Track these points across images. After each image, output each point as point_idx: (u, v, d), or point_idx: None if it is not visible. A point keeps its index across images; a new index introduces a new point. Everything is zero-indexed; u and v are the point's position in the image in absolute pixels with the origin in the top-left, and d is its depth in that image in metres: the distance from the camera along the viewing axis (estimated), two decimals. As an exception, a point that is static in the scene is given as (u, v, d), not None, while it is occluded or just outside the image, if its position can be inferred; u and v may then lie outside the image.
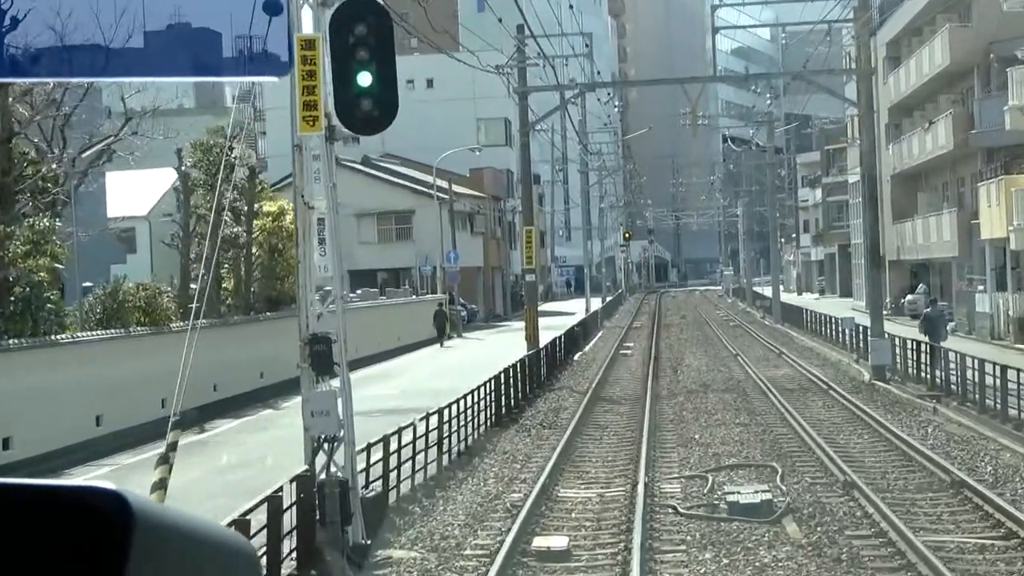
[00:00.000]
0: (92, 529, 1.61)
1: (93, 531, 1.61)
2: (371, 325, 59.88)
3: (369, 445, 21.63)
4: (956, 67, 61.96)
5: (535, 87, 45.27)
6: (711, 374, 44.55)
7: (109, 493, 1.63)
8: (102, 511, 1.62)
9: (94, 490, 1.64)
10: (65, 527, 1.61)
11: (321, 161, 19.13)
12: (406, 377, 49.03)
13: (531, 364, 41.38)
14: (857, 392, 37.92)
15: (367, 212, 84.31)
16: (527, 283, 45.61)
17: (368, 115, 17.24)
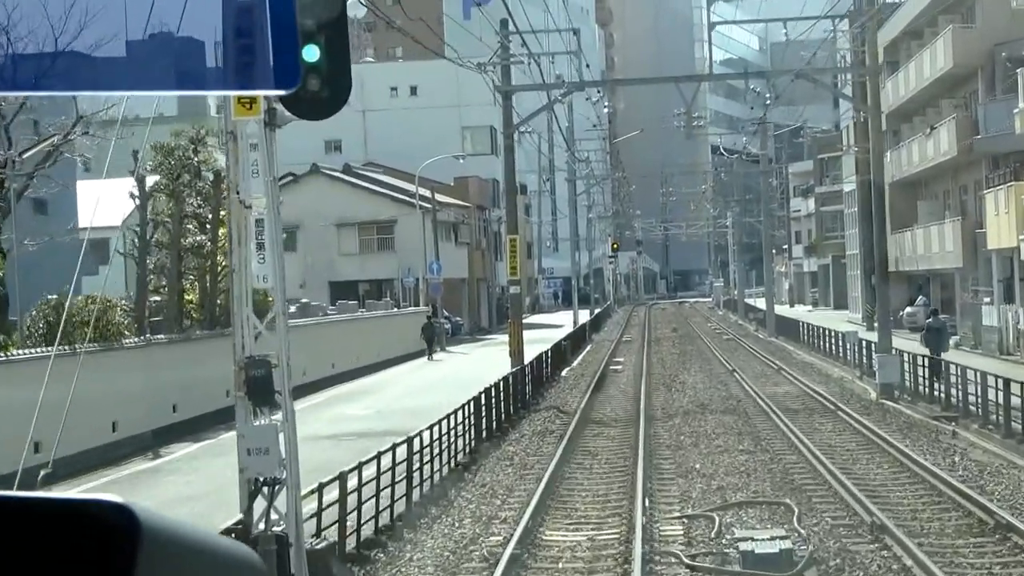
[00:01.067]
0: (99, 541, 1.62)
1: (100, 543, 1.62)
2: (349, 339, 56.77)
3: (320, 486, 18.48)
4: (959, 70, 59.03)
5: (519, 86, 42.10)
6: (708, 392, 41.44)
7: (115, 506, 1.64)
8: (109, 523, 1.63)
9: (100, 503, 1.65)
10: (72, 540, 1.63)
11: (260, 151, 15.99)
12: (383, 395, 45.90)
13: (515, 382, 38.27)
14: (867, 413, 34.84)
15: (348, 222, 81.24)
16: (512, 295, 42.46)
17: (315, 96, 14.00)
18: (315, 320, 53.60)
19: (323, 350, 52.31)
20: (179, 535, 1.70)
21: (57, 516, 1.65)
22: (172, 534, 1.68)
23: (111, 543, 1.62)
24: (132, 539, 1.62)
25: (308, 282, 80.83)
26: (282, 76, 2.59)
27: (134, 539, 1.62)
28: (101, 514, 1.64)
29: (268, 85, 2.62)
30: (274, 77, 2.59)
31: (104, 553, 1.62)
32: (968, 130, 58.30)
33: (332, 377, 51.73)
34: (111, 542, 1.62)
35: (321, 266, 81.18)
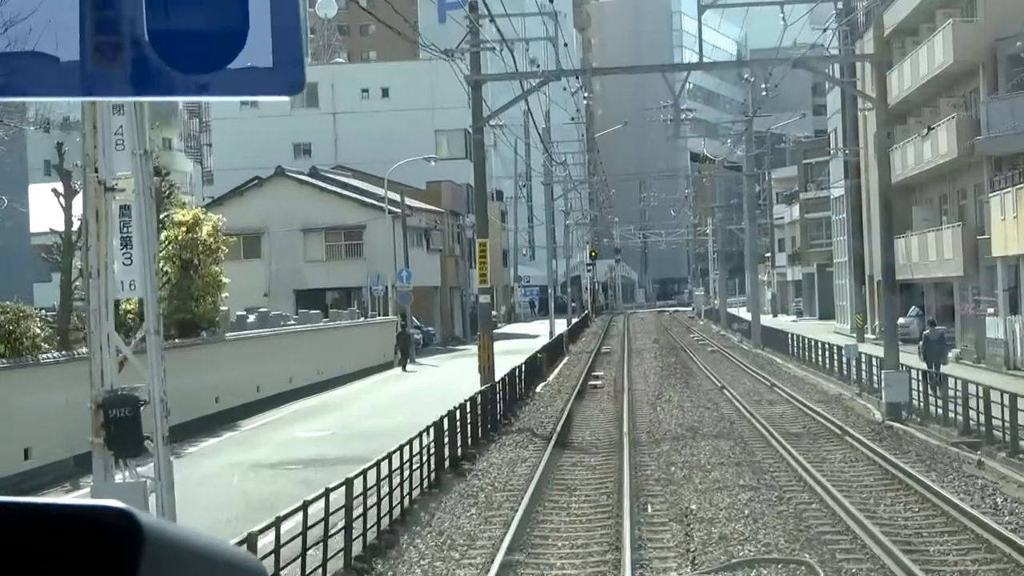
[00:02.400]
0: (102, 547, 1.62)
1: (103, 549, 1.62)
2: (310, 351, 52.58)
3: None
4: (960, 67, 55.15)
5: (490, 75, 37.92)
6: (697, 413, 37.31)
7: (118, 511, 1.64)
8: (112, 529, 1.63)
9: (103, 508, 1.65)
10: (75, 545, 1.62)
11: (126, 116, 11.79)
12: (343, 413, 41.73)
13: (485, 402, 34.12)
14: (878, 438, 30.77)
15: (314, 227, 77.03)
16: (481, 305, 38.29)
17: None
18: (271, 331, 49.39)
19: (281, 363, 48.16)
20: (182, 541, 1.68)
21: (60, 522, 1.63)
22: (175, 540, 1.67)
23: (114, 549, 1.61)
24: (135, 545, 1.61)
25: (273, 291, 76.69)
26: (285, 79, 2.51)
27: (137, 545, 1.61)
28: (104, 519, 1.63)
29: (272, 90, 2.55)
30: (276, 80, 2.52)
31: (107, 559, 1.61)
32: (969, 130, 54.41)
33: (290, 393, 47.55)
34: (114, 548, 1.61)
35: (286, 274, 77.04)
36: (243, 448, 33.37)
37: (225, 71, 2.45)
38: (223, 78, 2.47)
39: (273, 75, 2.44)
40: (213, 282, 41.75)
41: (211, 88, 2.54)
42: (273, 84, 2.47)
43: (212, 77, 2.48)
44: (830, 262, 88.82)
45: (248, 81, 2.49)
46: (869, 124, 71.24)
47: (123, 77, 2.47)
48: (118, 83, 2.52)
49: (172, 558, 1.65)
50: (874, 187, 70.29)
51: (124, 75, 2.46)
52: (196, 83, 2.52)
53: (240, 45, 2.45)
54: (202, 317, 41.51)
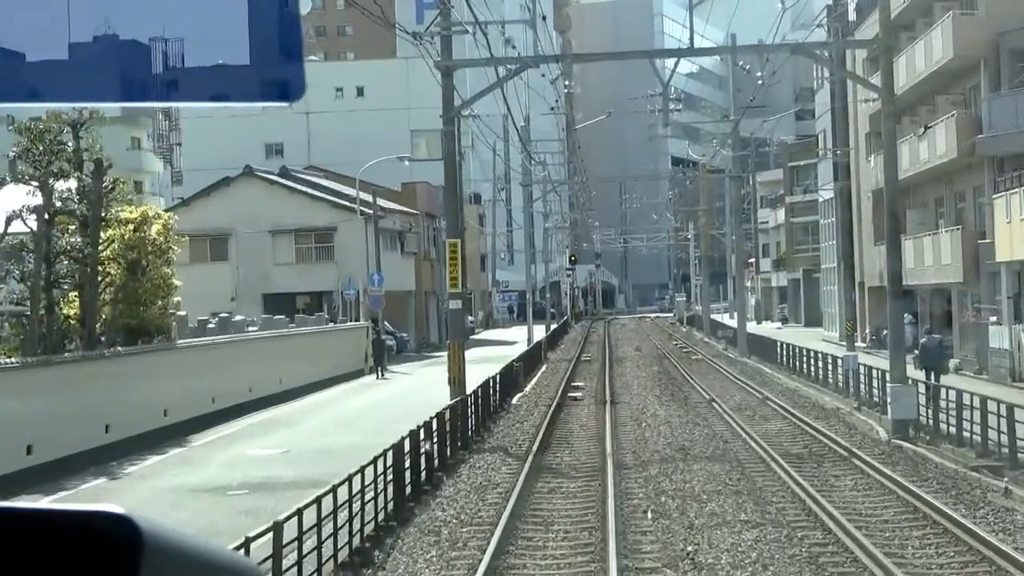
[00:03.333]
0: (102, 552, 1.62)
1: (103, 554, 1.62)
2: (273, 359, 49.20)
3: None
4: (960, 62, 52.03)
5: (462, 60, 34.51)
6: (686, 430, 33.97)
7: (118, 517, 1.64)
8: (112, 534, 1.63)
9: (103, 514, 1.65)
10: (75, 550, 1.63)
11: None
12: (302, 427, 38.37)
13: (453, 418, 30.78)
14: (890, 461, 27.50)
15: (283, 229, 73.58)
16: (451, 311, 34.90)
17: None
18: (228, 338, 45.95)
19: (239, 372, 44.80)
20: (181, 546, 1.68)
21: (60, 527, 1.63)
22: (174, 545, 1.66)
23: (114, 554, 1.61)
24: (135, 550, 1.61)
25: (240, 295, 73.29)
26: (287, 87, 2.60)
27: (137, 550, 1.61)
28: (104, 525, 1.63)
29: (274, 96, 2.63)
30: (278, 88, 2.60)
31: (107, 564, 1.60)
32: (970, 129, 51.27)
33: (248, 404, 44.17)
34: (114, 553, 1.61)
35: (255, 277, 73.62)
36: (187, 468, 29.98)
37: (228, 78, 2.54)
38: (227, 85, 2.58)
39: (275, 82, 2.53)
40: (163, 285, 38.35)
41: (215, 95, 2.65)
42: (275, 91, 2.57)
43: (216, 84, 2.57)
44: (816, 267, 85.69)
45: (250, 88, 2.58)
46: (860, 124, 68.18)
47: (129, 85, 2.56)
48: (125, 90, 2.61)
49: (171, 563, 1.63)
50: (865, 190, 67.22)
51: (130, 83, 2.55)
52: (200, 90, 2.60)
53: (242, 53, 2.50)
54: (151, 323, 38.09)
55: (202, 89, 2.61)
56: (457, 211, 35.37)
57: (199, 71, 2.77)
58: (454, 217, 34.49)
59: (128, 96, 2.77)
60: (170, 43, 2.52)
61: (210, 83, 2.69)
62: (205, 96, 2.71)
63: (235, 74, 2.52)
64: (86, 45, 2.60)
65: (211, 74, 2.80)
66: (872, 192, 65.21)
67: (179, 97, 2.66)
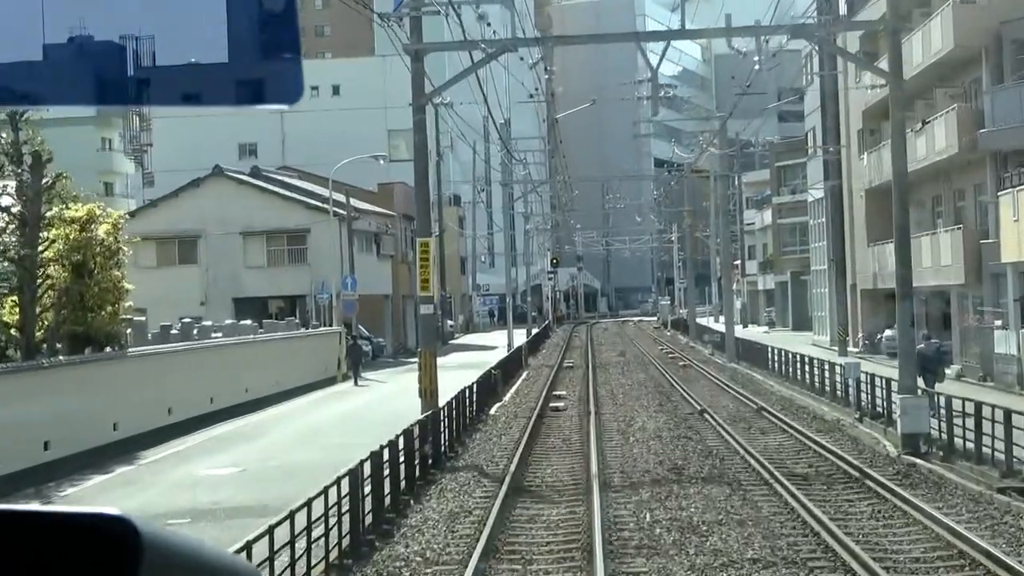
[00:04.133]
0: (101, 555, 1.60)
1: (102, 557, 1.60)
2: (237, 367, 46.20)
3: None
4: (961, 52, 49.28)
5: (433, 44, 31.49)
6: (678, 445, 31.02)
7: (118, 519, 1.64)
8: (111, 537, 1.61)
9: (103, 516, 1.65)
10: (75, 553, 1.61)
11: None
12: (264, 441, 35.41)
13: (424, 434, 27.82)
14: (907, 483, 24.58)
15: (254, 230, 70.57)
16: (422, 316, 31.90)
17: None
18: (188, 345, 42.92)
19: (200, 382, 41.82)
20: (180, 547, 1.67)
21: (60, 529, 1.62)
22: (173, 546, 1.65)
23: (114, 555, 1.59)
24: (134, 551, 1.60)
25: (210, 299, 70.29)
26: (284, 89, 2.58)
27: (136, 551, 1.60)
28: (103, 527, 1.63)
29: (272, 99, 2.71)
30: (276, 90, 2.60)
31: (107, 565, 1.59)
32: (971, 123, 48.53)
33: (209, 416, 41.21)
34: (114, 554, 1.60)
35: (225, 281, 70.58)
36: (129, 491, 27.00)
37: (226, 81, 2.53)
38: (224, 88, 2.57)
39: (273, 85, 2.49)
40: (113, 289, 35.33)
41: (212, 97, 2.65)
42: (273, 93, 2.56)
43: (213, 87, 2.55)
44: (805, 270, 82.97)
45: (248, 91, 2.57)
46: (853, 121, 65.43)
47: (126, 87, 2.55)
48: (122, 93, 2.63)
49: (171, 564, 1.62)
50: (857, 188, 64.45)
51: (127, 85, 2.53)
52: (198, 93, 2.62)
53: (240, 56, 2.46)
54: (99, 330, 35.07)
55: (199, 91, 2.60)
56: (428, 207, 32.38)
57: (197, 73, 2.70)
58: (425, 213, 31.51)
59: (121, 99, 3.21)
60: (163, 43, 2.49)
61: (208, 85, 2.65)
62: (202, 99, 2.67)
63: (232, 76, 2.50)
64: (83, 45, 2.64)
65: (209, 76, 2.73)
66: (865, 191, 62.49)
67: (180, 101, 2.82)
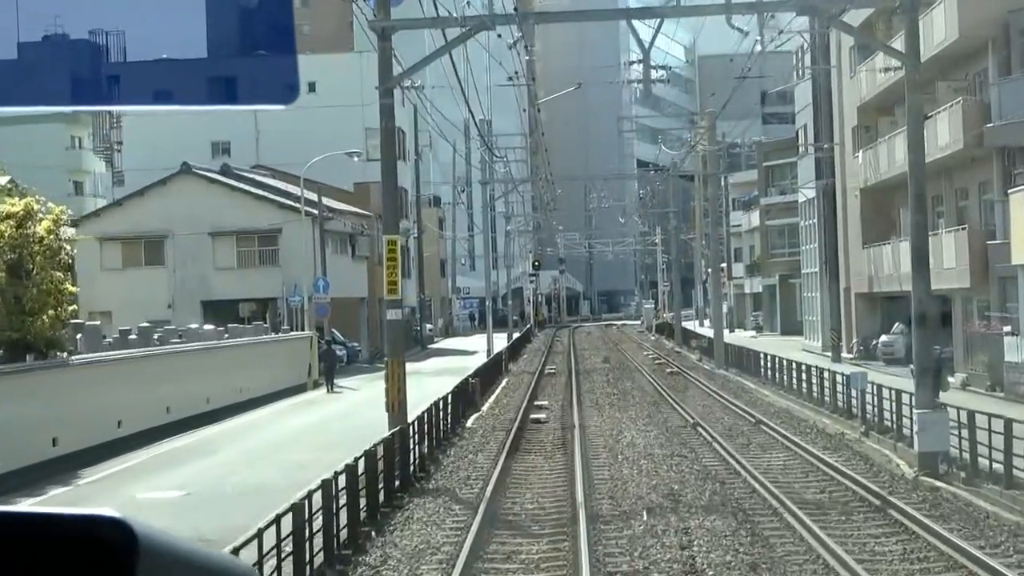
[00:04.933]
0: (98, 557, 1.59)
1: (99, 559, 1.59)
2: (198, 375, 43.02)
3: None
4: (966, 43, 46.41)
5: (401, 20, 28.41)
6: (672, 465, 27.90)
7: (114, 521, 1.62)
8: (107, 539, 1.60)
9: (99, 518, 1.62)
10: (72, 554, 1.59)
11: None
12: (217, 458, 32.23)
13: (389, 454, 24.70)
14: (939, 515, 21.49)
15: (224, 231, 67.38)
16: (390, 322, 28.71)
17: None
18: (142, 352, 39.71)
19: (155, 391, 38.62)
20: (176, 550, 1.65)
21: (56, 531, 1.60)
22: (169, 549, 1.63)
23: (110, 558, 1.58)
24: (130, 554, 1.58)
25: (178, 301, 67.12)
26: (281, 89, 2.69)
27: (132, 554, 1.58)
28: (99, 530, 1.60)
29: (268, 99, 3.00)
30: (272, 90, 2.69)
31: (104, 567, 1.57)
32: (977, 118, 45.61)
33: (165, 427, 38.06)
34: (110, 557, 1.58)
35: (193, 283, 67.41)
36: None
37: (222, 81, 2.60)
38: (221, 88, 2.62)
39: (269, 85, 2.61)
40: (55, 291, 32.14)
41: (209, 97, 2.71)
42: (269, 93, 2.70)
43: (210, 87, 2.62)
44: (794, 272, 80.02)
45: (244, 90, 2.66)
46: (847, 119, 62.50)
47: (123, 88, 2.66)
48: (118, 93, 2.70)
49: (167, 567, 1.60)
50: (852, 188, 61.52)
51: (124, 86, 2.65)
52: (195, 93, 2.68)
53: (236, 55, 2.54)
54: (40, 336, 31.88)
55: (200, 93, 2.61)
56: (396, 200, 29.25)
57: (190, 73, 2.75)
58: (392, 208, 28.34)
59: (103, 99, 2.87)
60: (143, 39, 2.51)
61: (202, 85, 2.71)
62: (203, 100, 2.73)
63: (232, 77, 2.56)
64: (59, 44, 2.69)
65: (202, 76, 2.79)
66: (861, 190, 59.54)
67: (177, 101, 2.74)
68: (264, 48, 2.89)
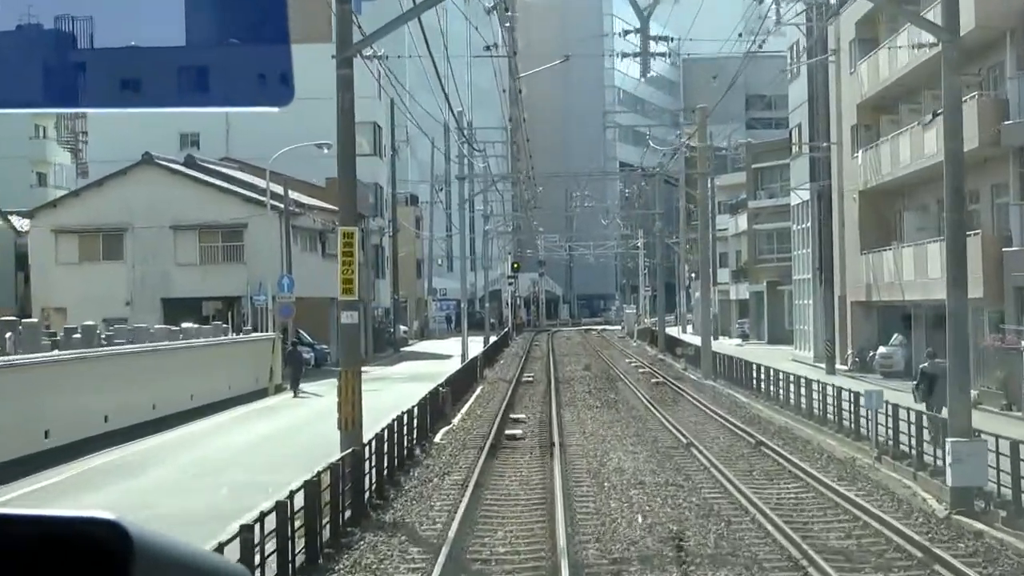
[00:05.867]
0: (92, 558, 1.57)
1: (93, 560, 1.57)
2: (142, 380, 38.95)
3: None
4: (980, 35, 42.69)
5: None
6: (668, 498, 23.85)
7: (109, 523, 1.59)
8: (102, 540, 1.58)
9: (94, 519, 1.60)
10: (66, 556, 1.57)
11: None
12: (149, 477, 28.17)
13: (338, 484, 20.71)
14: (990, 565, 17.66)
15: (186, 224, 63.28)
16: (343, 327, 24.49)
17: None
18: (74, 354, 35.58)
19: (91, 398, 34.57)
20: (172, 551, 1.63)
21: (50, 532, 1.57)
22: (165, 550, 1.61)
23: (105, 559, 1.55)
24: (125, 555, 1.56)
25: (137, 299, 63.03)
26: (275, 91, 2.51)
27: (127, 555, 1.56)
28: (94, 531, 1.57)
29: (262, 101, 2.58)
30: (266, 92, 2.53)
31: (98, 569, 1.55)
32: (993, 115, 41.88)
33: (101, 438, 34.00)
34: (105, 558, 1.55)
35: (154, 279, 63.33)
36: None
37: (216, 82, 2.42)
38: (214, 89, 2.44)
39: (263, 87, 2.44)
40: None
41: (202, 99, 2.53)
42: (263, 96, 2.51)
43: (203, 89, 2.42)
44: (783, 279, 76.28)
45: (238, 92, 2.52)
46: (845, 117, 58.68)
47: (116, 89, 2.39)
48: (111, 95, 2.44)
49: (162, 568, 1.58)
50: (850, 190, 57.71)
51: (117, 87, 2.38)
52: (187, 94, 2.48)
53: (230, 58, 2.37)
54: None
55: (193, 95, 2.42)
56: (354, 185, 25.22)
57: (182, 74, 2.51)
58: (350, 195, 24.39)
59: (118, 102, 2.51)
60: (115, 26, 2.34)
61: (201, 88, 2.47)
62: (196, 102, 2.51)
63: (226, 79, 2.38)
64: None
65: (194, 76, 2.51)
66: (860, 192, 55.71)
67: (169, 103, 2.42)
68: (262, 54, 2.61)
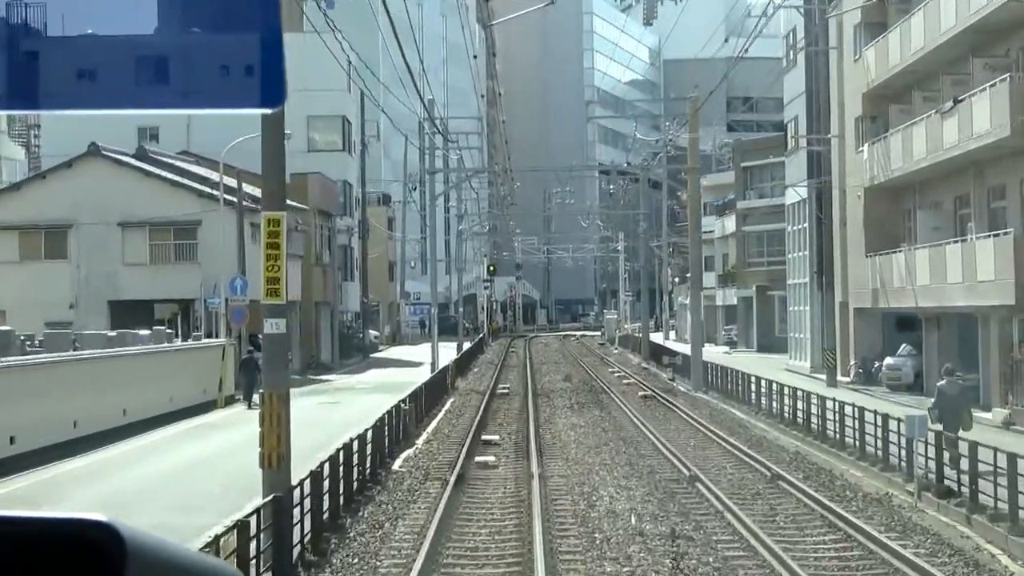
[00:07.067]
0: (86, 561, 1.55)
1: (87, 563, 1.55)
2: (62, 393, 33.62)
3: None
4: (1006, 13, 37.84)
5: None
6: (676, 559, 18.71)
7: (102, 525, 1.58)
8: (95, 543, 1.56)
9: (87, 522, 1.59)
10: (59, 559, 1.56)
11: None
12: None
13: (244, 545, 15.49)
14: None
15: (135, 221, 57.95)
16: (268, 338, 19.25)
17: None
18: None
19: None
20: (164, 554, 1.61)
21: (43, 535, 1.55)
22: (158, 553, 1.59)
23: (97, 562, 1.53)
24: (118, 558, 1.54)
25: (82, 301, 57.69)
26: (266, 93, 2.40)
27: (120, 558, 1.54)
28: (87, 533, 1.55)
29: (253, 103, 2.41)
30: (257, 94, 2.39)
31: (91, 571, 1.53)
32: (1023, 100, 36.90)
33: (5, 463, 28.77)
34: (97, 561, 1.53)
35: (100, 280, 58.02)
36: None
37: (206, 84, 2.38)
38: (204, 91, 2.39)
39: (254, 88, 2.37)
40: None
41: (192, 101, 2.44)
42: (254, 97, 2.39)
43: (193, 90, 2.39)
44: (774, 284, 71.33)
45: (229, 94, 2.43)
46: (848, 108, 53.69)
47: (105, 90, 2.38)
48: (99, 96, 2.41)
49: (155, 569, 1.57)
50: (853, 187, 52.69)
51: (106, 88, 2.37)
52: (177, 96, 2.42)
53: (221, 58, 2.34)
54: None
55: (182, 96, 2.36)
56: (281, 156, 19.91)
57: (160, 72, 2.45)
58: (276, 170, 19.11)
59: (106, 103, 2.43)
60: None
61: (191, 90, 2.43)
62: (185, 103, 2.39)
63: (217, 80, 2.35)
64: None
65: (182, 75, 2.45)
66: (865, 189, 50.67)
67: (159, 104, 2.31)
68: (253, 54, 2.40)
